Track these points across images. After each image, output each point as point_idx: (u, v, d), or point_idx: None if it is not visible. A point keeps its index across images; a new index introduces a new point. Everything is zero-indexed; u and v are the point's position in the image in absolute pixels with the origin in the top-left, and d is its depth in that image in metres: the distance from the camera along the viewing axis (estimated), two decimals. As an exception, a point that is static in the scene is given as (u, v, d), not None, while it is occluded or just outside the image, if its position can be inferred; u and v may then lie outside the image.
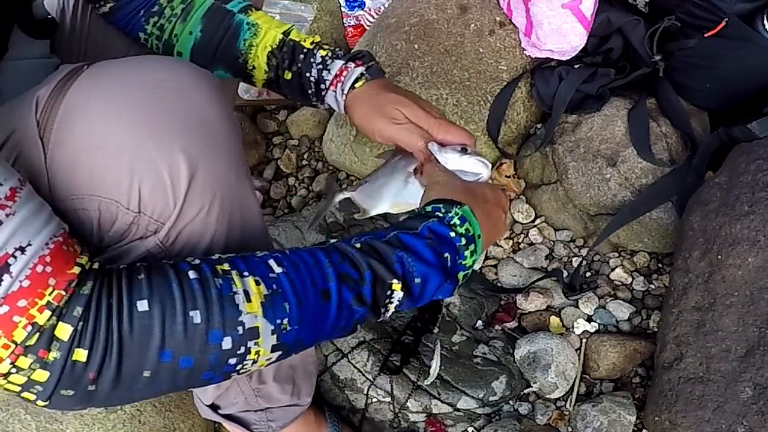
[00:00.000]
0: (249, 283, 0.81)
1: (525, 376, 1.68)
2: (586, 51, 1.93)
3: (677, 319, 1.54)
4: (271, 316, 0.81)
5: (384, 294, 0.89)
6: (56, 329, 0.72)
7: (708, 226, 1.56)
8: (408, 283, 0.91)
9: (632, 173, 1.81)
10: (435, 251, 0.92)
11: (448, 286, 0.94)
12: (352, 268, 0.88)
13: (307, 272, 0.85)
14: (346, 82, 1.21)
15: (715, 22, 1.76)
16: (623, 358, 1.69)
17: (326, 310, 0.86)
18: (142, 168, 0.84)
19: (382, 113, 1.16)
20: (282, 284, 0.83)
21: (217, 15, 1.25)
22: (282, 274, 0.84)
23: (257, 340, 0.80)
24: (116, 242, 0.90)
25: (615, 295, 1.83)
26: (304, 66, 1.23)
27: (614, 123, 1.88)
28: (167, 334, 0.75)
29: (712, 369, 1.44)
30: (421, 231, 0.93)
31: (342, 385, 1.62)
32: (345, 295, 0.86)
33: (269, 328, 0.81)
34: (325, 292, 0.85)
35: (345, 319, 0.88)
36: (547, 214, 1.99)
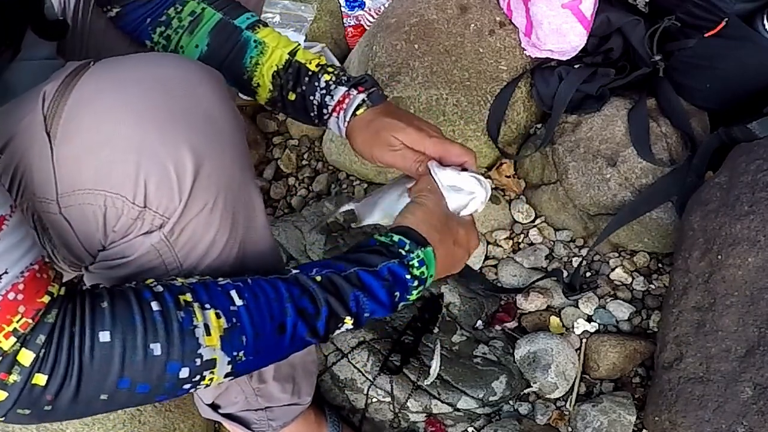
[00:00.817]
0: (210, 316, 0.83)
1: (525, 376, 1.68)
2: (586, 51, 1.93)
3: (677, 319, 1.54)
4: (229, 348, 0.84)
5: (335, 326, 0.95)
6: (19, 355, 0.74)
7: (708, 226, 1.56)
8: (359, 318, 0.96)
9: (632, 173, 1.82)
10: (389, 292, 0.97)
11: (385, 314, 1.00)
12: (311, 302, 0.92)
13: (267, 305, 0.89)
14: (348, 109, 1.21)
15: (715, 22, 1.76)
16: (623, 358, 1.69)
17: (281, 342, 0.90)
18: (149, 163, 0.84)
19: (378, 140, 1.17)
20: (241, 318, 0.86)
21: (225, 30, 1.25)
22: (242, 307, 0.86)
23: (213, 370, 0.84)
24: (121, 237, 0.91)
25: (615, 295, 1.83)
26: (309, 89, 1.23)
27: (614, 123, 1.88)
28: (127, 364, 0.78)
29: (712, 369, 1.44)
30: (380, 270, 0.97)
31: (342, 385, 1.62)
32: (300, 329, 0.91)
33: (226, 360, 0.84)
34: (282, 326, 0.89)
35: (297, 348, 0.94)
36: (547, 214, 2.00)
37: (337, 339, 1.63)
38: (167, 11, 1.26)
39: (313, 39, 2.43)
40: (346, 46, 2.48)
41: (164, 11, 1.26)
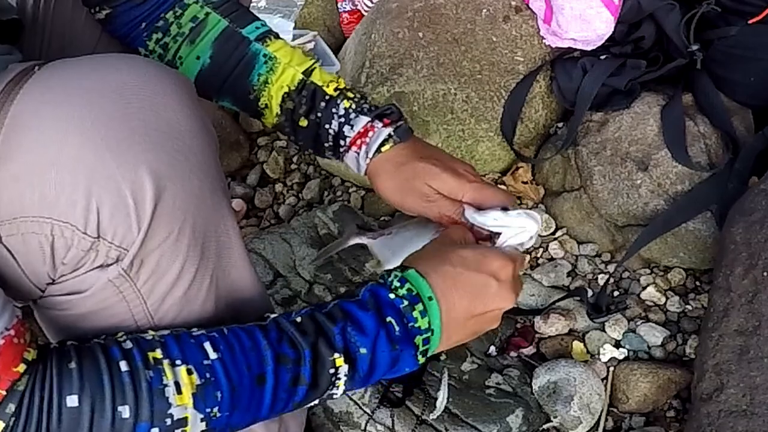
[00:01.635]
0: (181, 373, 0.85)
1: (544, 409, 1.69)
2: (613, 40, 1.94)
3: (717, 344, 1.54)
4: (202, 406, 0.86)
5: (326, 372, 0.94)
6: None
7: (752, 239, 1.56)
8: (352, 355, 0.95)
9: (666, 179, 1.82)
10: (377, 318, 0.97)
11: (406, 356, 0.98)
12: (290, 347, 0.92)
13: (243, 356, 0.90)
14: (372, 144, 1.20)
15: (760, 7, 1.77)
16: (656, 389, 1.69)
17: (261, 395, 0.91)
18: (101, 187, 0.83)
19: (410, 189, 1.17)
20: (216, 372, 0.87)
21: (231, 41, 1.24)
22: (217, 361, 0.88)
23: (185, 428, 0.86)
24: (72, 270, 0.90)
25: (646, 318, 1.83)
26: (324, 115, 1.23)
27: (645, 122, 1.89)
28: (95, 429, 0.80)
29: (756, 401, 1.44)
30: (362, 296, 0.99)
31: (336, 419, 1.62)
32: (282, 378, 0.91)
33: (198, 417, 0.86)
34: (261, 377, 0.90)
35: (283, 400, 0.93)
36: (570, 225, 2.00)
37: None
38: (165, 15, 1.24)
39: (303, 26, 2.45)
40: (341, 35, 2.49)
41: (161, 15, 1.24)
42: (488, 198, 1.16)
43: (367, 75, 2.01)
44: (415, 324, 0.99)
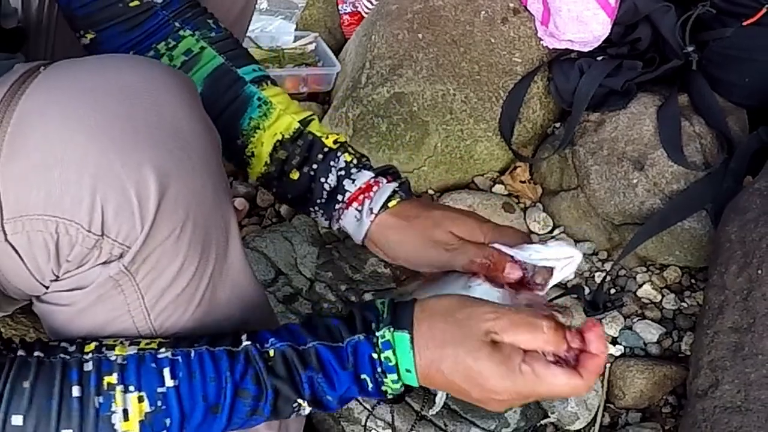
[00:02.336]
0: (131, 400, 0.85)
1: (542, 405, 1.69)
2: (610, 41, 1.94)
3: (712, 341, 1.54)
4: None
5: (289, 407, 0.92)
6: None
7: (747, 237, 1.56)
8: (318, 400, 0.93)
9: (662, 178, 1.82)
10: (351, 376, 0.92)
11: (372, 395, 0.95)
12: (254, 384, 0.90)
13: (202, 385, 0.88)
14: (377, 199, 1.10)
15: (755, 9, 1.77)
16: (652, 385, 1.69)
17: (213, 422, 0.90)
18: (106, 185, 0.82)
19: (430, 241, 1.08)
20: (168, 401, 0.87)
21: (225, 79, 1.15)
22: (172, 389, 0.87)
23: None
24: (76, 267, 0.89)
25: (643, 315, 1.83)
26: (321, 168, 1.13)
27: (642, 122, 1.89)
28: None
29: (751, 397, 1.44)
30: (345, 347, 0.92)
31: (337, 415, 1.62)
32: (238, 409, 0.90)
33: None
34: (215, 407, 0.89)
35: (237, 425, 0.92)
36: (567, 223, 2.00)
37: None
38: (156, 45, 1.16)
39: (304, 28, 2.44)
40: (341, 36, 2.49)
41: (152, 45, 1.16)
42: (510, 235, 1.08)
43: (367, 76, 2.01)
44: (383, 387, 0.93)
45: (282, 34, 2.36)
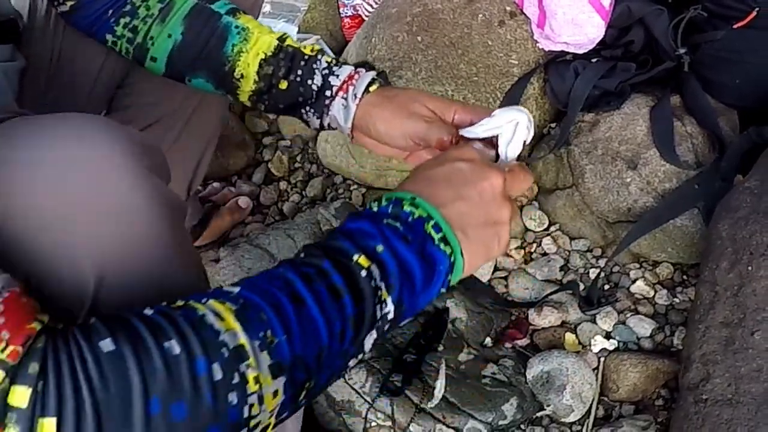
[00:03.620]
0: (212, 304, 0.74)
1: (538, 398, 1.69)
2: (604, 43, 1.94)
3: (704, 335, 1.54)
4: (251, 330, 0.73)
5: (359, 276, 0.80)
6: (9, 396, 0.61)
7: (737, 235, 1.56)
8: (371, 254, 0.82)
9: (655, 177, 1.82)
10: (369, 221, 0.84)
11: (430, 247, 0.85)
12: (307, 266, 0.80)
13: (268, 284, 0.78)
14: (360, 85, 1.16)
15: (745, 12, 1.77)
16: (645, 379, 1.69)
17: (308, 313, 0.77)
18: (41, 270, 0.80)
19: (410, 113, 1.11)
20: (247, 297, 0.76)
21: (202, 16, 1.22)
22: (242, 290, 0.77)
23: (248, 362, 0.71)
24: None
25: (636, 310, 1.83)
26: (305, 72, 1.19)
27: (635, 122, 1.88)
28: (148, 376, 0.65)
29: (741, 390, 1.44)
30: (347, 221, 0.86)
31: (338, 407, 1.62)
32: (319, 292, 0.78)
33: (255, 344, 0.72)
34: (296, 296, 0.77)
35: (337, 318, 0.79)
36: (562, 221, 2.00)
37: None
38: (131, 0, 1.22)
39: (306, 30, 2.44)
40: (342, 39, 2.49)
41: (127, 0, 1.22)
42: (477, 113, 1.09)
43: (367, 77, 2.01)
44: (413, 217, 0.85)
45: (285, 36, 2.37)
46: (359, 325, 0.81)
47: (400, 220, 0.84)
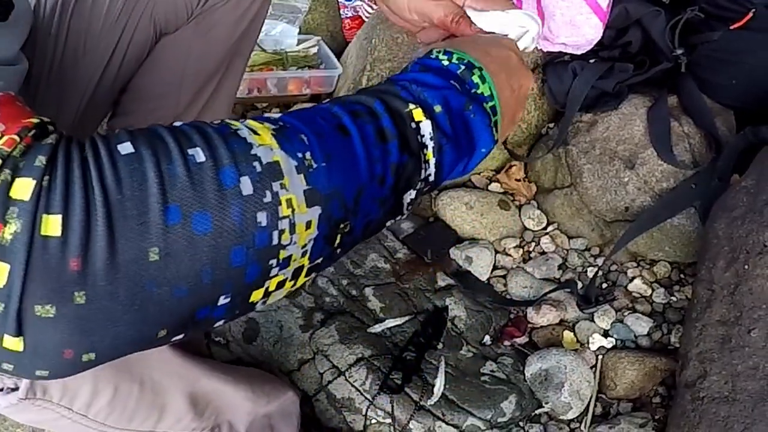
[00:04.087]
0: (249, 123, 0.67)
1: (536, 395, 1.69)
2: (602, 44, 1.94)
3: (701, 334, 1.54)
4: (289, 147, 0.65)
5: (409, 127, 0.75)
6: (12, 188, 0.54)
7: (734, 234, 1.56)
8: (428, 111, 0.77)
9: (652, 176, 1.82)
10: (438, 77, 0.81)
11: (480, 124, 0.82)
12: (358, 104, 0.75)
13: (313, 113, 0.72)
14: None
15: (741, 13, 1.77)
16: (642, 376, 1.69)
17: (350, 146, 0.71)
18: None
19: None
20: (288, 120, 0.69)
21: None
22: (284, 116, 0.71)
23: (282, 181, 0.63)
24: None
25: (633, 308, 1.83)
26: None
27: (633, 122, 1.88)
28: (167, 181, 0.58)
29: (738, 388, 1.44)
30: (411, 68, 0.83)
31: (339, 405, 1.62)
32: (365, 130, 0.72)
33: (292, 164, 0.65)
34: (341, 127, 0.71)
35: (379, 160, 0.73)
36: (561, 220, 2.00)
37: (333, 355, 1.63)
38: None
39: (307, 32, 2.44)
40: (343, 40, 2.49)
41: None
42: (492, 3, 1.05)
43: (368, 78, 2.01)
44: (477, 90, 0.83)
45: (286, 37, 2.36)
46: (400, 175, 0.75)
47: (466, 86, 0.82)
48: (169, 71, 1.36)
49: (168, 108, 1.43)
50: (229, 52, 1.39)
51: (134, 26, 1.28)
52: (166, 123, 1.26)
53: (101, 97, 1.36)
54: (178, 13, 1.29)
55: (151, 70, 1.35)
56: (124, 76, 1.38)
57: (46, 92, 1.28)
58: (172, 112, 1.43)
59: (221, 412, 1.34)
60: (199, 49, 1.35)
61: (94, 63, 1.31)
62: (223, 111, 1.52)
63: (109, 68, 1.34)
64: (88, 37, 1.29)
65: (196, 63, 1.37)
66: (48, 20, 1.27)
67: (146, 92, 1.43)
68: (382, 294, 1.78)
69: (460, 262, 1.92)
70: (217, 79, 1.41)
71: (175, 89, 1.29)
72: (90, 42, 1.28)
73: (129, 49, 1.30)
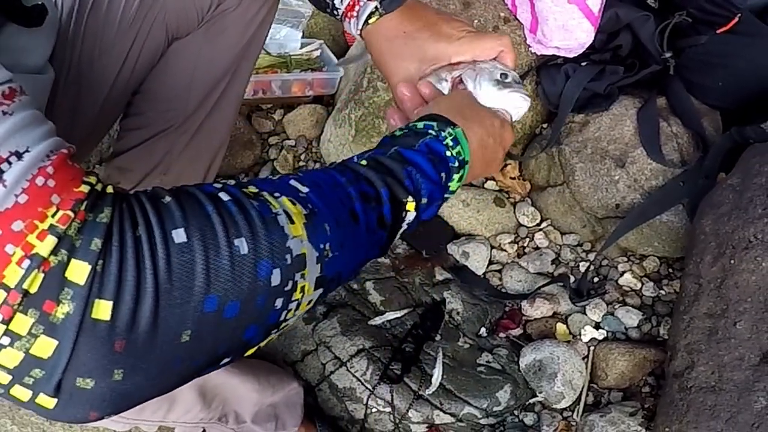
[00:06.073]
0: (285, 203, 0.68)
1: (530, 385, 1.69)
2: (593, 48, 1.94)
3: (688, 326, 1.54)
4: (315, 240, 0.68)
5: (399, 215, 0.80)
6: (68, 269, 0.54)
7: (720, 230, 1.56)
8: (418, 203, 0.82)
9: (642, 175, 1.82)
10: (434, 168, 0.84)
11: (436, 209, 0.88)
12: (369, 185, 0.78)
13: (332, 191, 0.74)
14: (360, 17, 1.08)
15: (727, 18, 1.77)
16: (632, 367, 1.69)
17: (358, 233, 0.75)
18: None
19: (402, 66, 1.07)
20: (316, 204, 0.71)
21: None
22: (311, 193, 0.72)
23: (303, 272, 0.67)
24: None
25: (624, 302, 1.83)
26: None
27: (623, 123, 1.88)
28: (212, 272, 0.60)
29: (724, 378, 1.44)
30: (420, 147, 0.85)
31: (341, 394, 1.62)
32: (370, 217, 0.76)
33: (314, 255, 0.68)
34: (353, 213, 0.74)
35: (373, 244, 0.78)
36: (554, 217, 2.00)
37: (335, 347, 1.63)
38: None
39: (310, 36, 2.44)
40: (344, 44, 2.48)
41: None
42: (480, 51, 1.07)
43: (368, 80, 2.01)
44: (450, 184, 0.88)
45: (289, 41, 2.36)
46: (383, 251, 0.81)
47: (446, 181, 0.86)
48: (180, 74, 1.36)
49: (178, 109, 1.43)
50: (237, 56, 1.39)
51: (147, 31, 1.27)
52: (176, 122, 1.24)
53: (115, 99, 1.36)
54: (189, 19, 1.29)
55: (163, 73, 1.35)
56: (137, 79, 1.38)
57: (63, 96, 1.28)
58: (183, 113, 1.43)
59: (228, 402, 1.34)
60: (209, 53, 1.35)
61: (109, 67, 1.31)
62: (231, 113, 1.52)
63: (123, 72, 1.34)
64: (103, 42, 1.28)
65: (206, 66, 1.36)
66: (65, 26, 1.26)
67: (158, 94, 1.43)
68: (382, 288, 1.78)
69: (457, 257, 1.92)
70: (226, 82, 1.41)
71: (185, 92, 1.29)
72: (105, 47, 1.28)
73: (142, 53, 1.30)
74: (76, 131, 1.28)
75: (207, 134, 1.50)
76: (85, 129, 1.32)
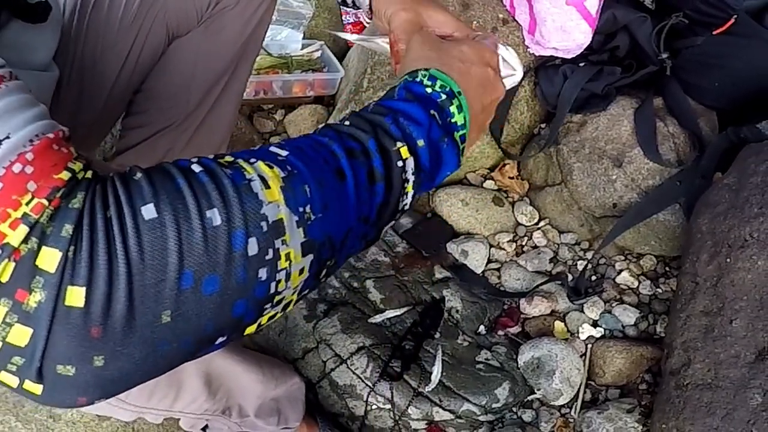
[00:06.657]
0: (260, 167, 0.66)
1: (528, 382, 1.69)
2: (591, 49, 1.94)
3: (685, 324, 1.54)
4: (293, 203, 0.65)
5: (395, 166, 0.76)
6: (38, 257, 0.53)
7: (716, 229, 1.56)
8: (413, 147, 0.78)
9: (639, 174, 1.82)
10: (422, 108, 0.81)
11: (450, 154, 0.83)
12: (353, 140, 0.75)
13: (314, 151, 0.72)
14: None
15: (723, 19, 1.77)
16: (629, 364, 1.69)
17: (345, 192, 0.72)
18: None
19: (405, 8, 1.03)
20: (295, 164, 0.68)
21: None
22: (290, 156, 0.69)
23: (284, 237, 0.64)
24: None
25: (621, 300, 1.83)
26: None
27: (620, 123, 1.88)
28: (185, 248, 0.58)
29: (720, 375, 1.44)
30: (398, 93, 0.82)
31: (341, 391, 1.62)
32: (359, 173, 0.73)
33: (293, 220, 0.65)
34: (339, 171, 0.71)
35: (366, 203, 0.74)
36: (552, 216, 2.00)
37: (335, 344, 1.63)
38: None
39: (311, 37, 2.44)
40: (344, 44, 2.48)
41: None
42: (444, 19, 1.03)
43: (368, 80, 2.01)
44: (452, 119, 0.84)
45: (290, 42, 2.36)
46: (383, 213, 0.77)
47: (444, 116, 0.83)
48: (181, 72, 1.36)
49: (179, 107, 1.43)
50: (237, 54, 1.39)
51: (148, 29, 1.28)
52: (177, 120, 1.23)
53: (118, 97, 1.36)
54: (189, 17, 1.29)
55: (164, 71, 1.35)
56: (139, 77, 1.38)
57: (66, 94, 1.28)
58: (184, 111, 1.43)
59: (232, 395, 1.34)
60: (208, 50, 1.35)
61: (112, 65, 1.31)
62: (231, 110, 1.52)
63: (125, 69, 1.34)
64: (106, 40, 1.28)
65: (205, 64, 1.37)
66: (68, 24, 1.26)
67: (159, 92, 1.43)
68: (382, 286, 1.78)
69: (457, 255, 1.92)
70: (225, 80, 1.42)
71: (186, 89, 1.30)
72: (107, 45, 1.28)
73: (143, 51, 1.30)
74: (79, 129, 1.28)
75: (208, 132, 1.50)
76: (88, 127, 1.32)
